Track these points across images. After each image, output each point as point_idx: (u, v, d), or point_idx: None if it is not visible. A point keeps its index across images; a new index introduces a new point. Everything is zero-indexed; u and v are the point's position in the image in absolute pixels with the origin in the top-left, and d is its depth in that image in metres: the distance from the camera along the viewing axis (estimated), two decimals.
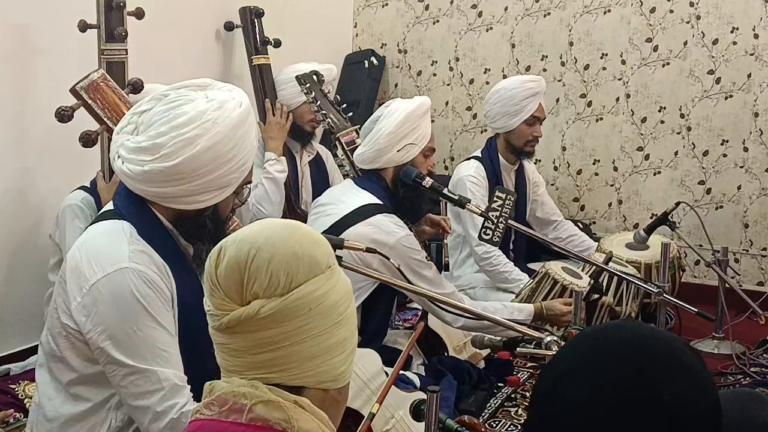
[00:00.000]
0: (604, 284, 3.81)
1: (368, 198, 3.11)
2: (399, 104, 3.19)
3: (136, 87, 2.84)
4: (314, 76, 3.74)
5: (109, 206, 2.14)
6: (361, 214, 3.05)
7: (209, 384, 1.35)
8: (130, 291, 1.94)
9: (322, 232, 1.61)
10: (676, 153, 4.73)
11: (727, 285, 3.72)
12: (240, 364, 1.32)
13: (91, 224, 2.14)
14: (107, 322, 1.94)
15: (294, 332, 1.30)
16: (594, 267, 3.38)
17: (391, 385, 2.18)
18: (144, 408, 1.93)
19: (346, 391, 1.41)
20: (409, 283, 2.71)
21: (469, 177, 4.09)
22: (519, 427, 3.09)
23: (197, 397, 1.85)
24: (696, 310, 2.94)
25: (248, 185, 2.18)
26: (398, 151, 3.12)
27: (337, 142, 3.54)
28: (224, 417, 1.28)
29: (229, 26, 4.27)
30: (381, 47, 5.32)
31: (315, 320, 1.31)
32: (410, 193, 3.16)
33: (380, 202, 3.10)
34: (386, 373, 2.80)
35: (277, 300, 1.29)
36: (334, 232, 2.87)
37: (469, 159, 4.26)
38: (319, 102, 3.65)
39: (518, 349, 2.31)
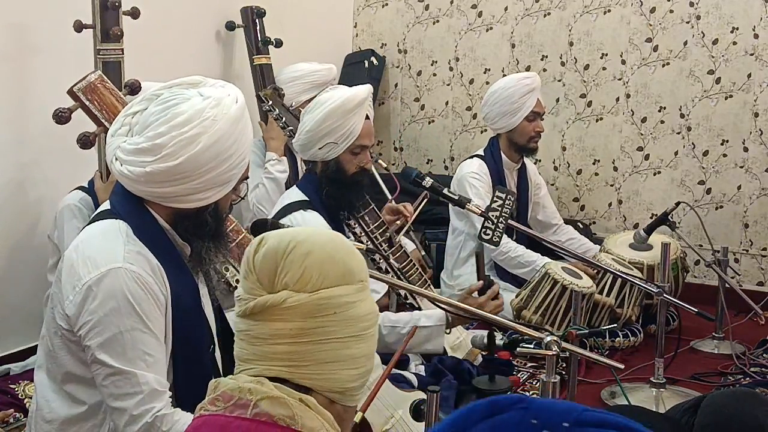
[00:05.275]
0: (607, 285, 3.81)
1: (295, 196, 3.05)
2: (325, 98, 3.01)
3: (134, 88, 2.83)
4: (275, 92, 3.76)
5: (106, 206, 2.13)
6: (281, 214, 3.00)
7: (214, 381, 1.36)
8: (122, 291, 1.93)
9: None
10: (676, 153, 4.73)
11: (727, 285, 3.72)
12: (256, 353, 1.33)
13: (88, 224, 2.13)
14: (96, 321, 1.94)
15: (314, 330, 1.32)
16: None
17: (377, 391, 2.16)
18: (121, 410, 1.93)
19: (353, 414, 1.42)
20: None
21: (472, 174, 4.09)
22: None
23: (193, 398, 1.83)
24: (696, 310, 2.93)
25: (245, 181, 2.17)
26: (320, 148, 2.99)
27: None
28: (229, 412, 1.29)
29: (231, 26, 4.27)
30: (381, 47, 5.32)
31: (337, 325, 1.33)
32: (335, 191, 3.03)
33: (305, 199, 3.03)
34: None
35: (305, 295, 1.31)
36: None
37: (471, 157, 4.26)
38: (284, 118, 3.66)
39: (518, 349, 2.31)
